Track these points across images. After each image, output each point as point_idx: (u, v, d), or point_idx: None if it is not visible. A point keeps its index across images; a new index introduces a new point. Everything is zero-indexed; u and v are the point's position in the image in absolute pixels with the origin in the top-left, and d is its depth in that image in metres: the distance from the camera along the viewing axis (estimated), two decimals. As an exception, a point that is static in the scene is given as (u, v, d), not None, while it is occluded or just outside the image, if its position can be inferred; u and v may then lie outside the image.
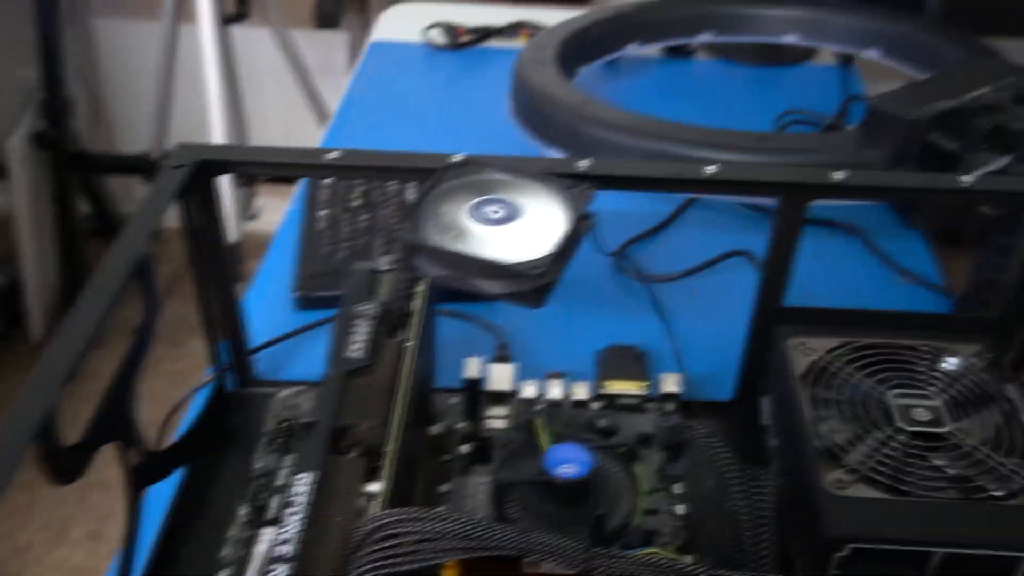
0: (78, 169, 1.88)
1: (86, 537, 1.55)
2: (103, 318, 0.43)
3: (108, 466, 0.49)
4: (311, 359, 0.71)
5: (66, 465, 0.41)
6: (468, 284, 0.47)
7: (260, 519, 0.54)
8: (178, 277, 2.05)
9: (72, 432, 0.42)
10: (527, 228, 0.48)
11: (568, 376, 0.61)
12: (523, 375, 0.61)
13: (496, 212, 0.49)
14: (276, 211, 0.98)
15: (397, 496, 0.45)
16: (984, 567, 0.46)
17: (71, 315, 0.43)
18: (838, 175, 0.53)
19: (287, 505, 0.42)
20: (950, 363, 0.56)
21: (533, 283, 0.45)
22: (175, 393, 0.68)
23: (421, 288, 0.55)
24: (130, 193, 2.15)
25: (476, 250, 0.47)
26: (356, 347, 0.50)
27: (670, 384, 0.60)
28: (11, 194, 1.85)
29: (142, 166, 1.82)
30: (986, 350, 0.57)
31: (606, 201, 0.55)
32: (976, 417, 0.53)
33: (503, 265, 0.45)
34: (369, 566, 0.38)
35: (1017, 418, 0.52)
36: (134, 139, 2.09)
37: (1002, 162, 0.76)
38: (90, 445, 0.43)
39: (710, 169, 0.53)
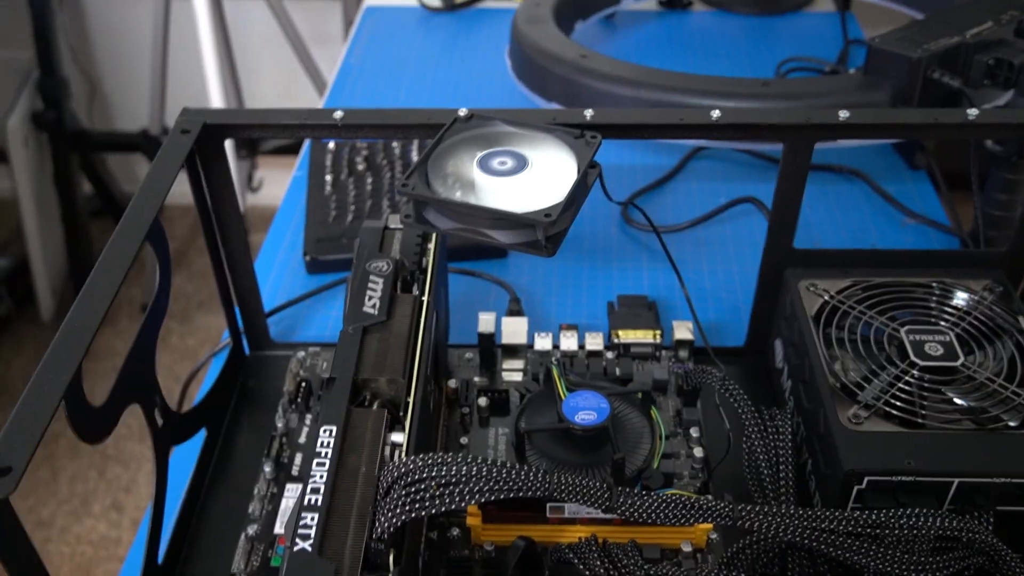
0: (77, 149, 1.87)
1: (107, 509, 1.57)
2: (122, 279, 0.43)
3: (127, 440, 0.49)
4: (324, 321, 0.71)
5: (94, 424, 0.41)
6: (480, 235, 0.47)
7: (284, 475, 0.56)
8: (182, 255, 2.06)
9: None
10: (536, 178, 0.48)
11: (581, 328, 0.61)
12: (536, 328, 0.62)
13: (504, 164, 0.49)
14: (278, 184, 0.98)
15: (419, 446, 0.46)
16: (1000, 494, 0.47)
17: (90, 279, 0.43)
18: (843, 114, 0.52)
19: (314, 456, 0.42)
20: (960, 298, 0.56)
21: (545, 232, 0.45)
22: (187, 367, 0.68)
23: (432, 243, 0.55)
24: (131, 171, 2.14)
25: (487, 201, 0.47)
26: (371, 303, 0.50)
27: (683, 331, 0.61)
28: (13, 176, 1.84)
29: (142, 143, 1.81)
30: (995, 284, 0.57)
31: (610, 155, 0.55)
32: (988, 349, 0.53)
33: (515, 215, 0.45)
34: (396, 510, 0.39)
35: (1029, 349, 0.53)
36: (132, 117, 2.09)
37: (1005, 97, 0.75)
38: (116, 405, 0.44)
39: (716, 114, 0.52)
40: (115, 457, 1.64)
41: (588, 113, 0.53)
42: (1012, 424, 0.49)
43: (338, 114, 0.54)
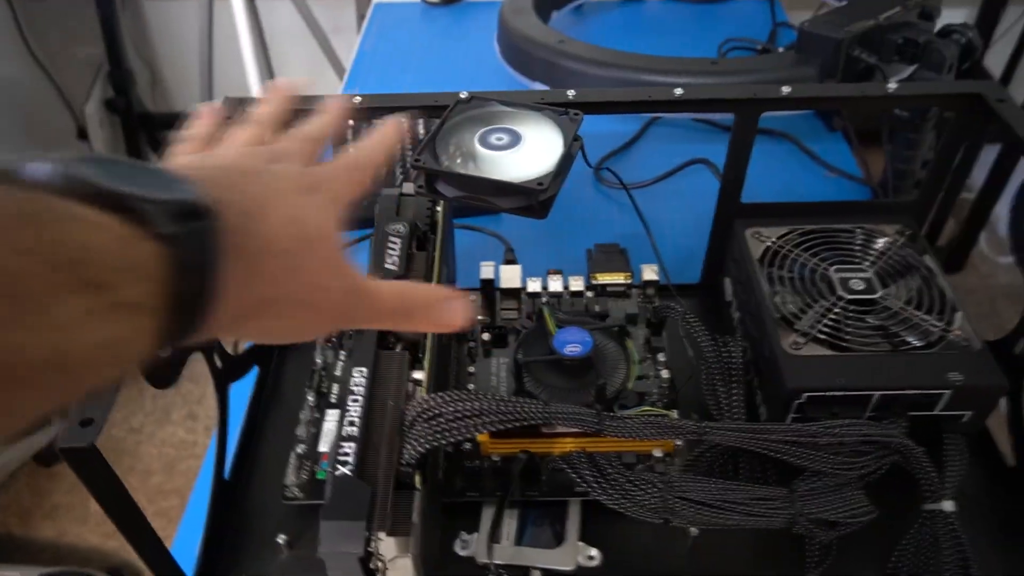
0: (144, 128, 1.81)
1: (184, 418, 1.56)
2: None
3: (197, 362, 0.47)
4: (352, 271, 0.68)
5: (163, 374, 0.39)
6: (483, 202, 0.44)
7: (324, 403, 0.53)
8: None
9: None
10: (528, 151, 0.45)
11: (565, 272, 0.58)
12: (528, 273, 0.58)
13: (501, 139, 0.45)
14: None
15: (437, 380, 0.43)
16: (911, 403, 0.46)
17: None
18: (785, 89, 0.49)
19: (348, 394, 0.39)
20: (877, 241, 0.54)
21: (538, 197, 0.42)
22: None
23: (440, 207, 0.52)
24: (189, 144, 2.08)
25: (487, 172, 0.44)
26: (392, 260, 0.47)
27: (649, 273, 0.57)
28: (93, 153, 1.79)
29: (196, 121, 1.75)
30: (905, 228, 0.55)
31: (583, 124, 0.51)
32: (901, 283, 0.51)
33: (512, 184, 0.42)
34: (420, 441, 0.37)
35: (935, 282, 0.51)
36: (186, 100, 2.02)
37: (911, 70, 0.72)
38: (180, 355, 0.41)
39: (678, 91, 0.49)
40: (186, 375, 1.62)
41: (571, 93, 0.49)
42: (918, 344, 0.47)
43: (357, 99, 0.50)
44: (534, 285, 0.58)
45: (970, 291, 1.83)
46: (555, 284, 0.58)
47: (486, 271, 0.57)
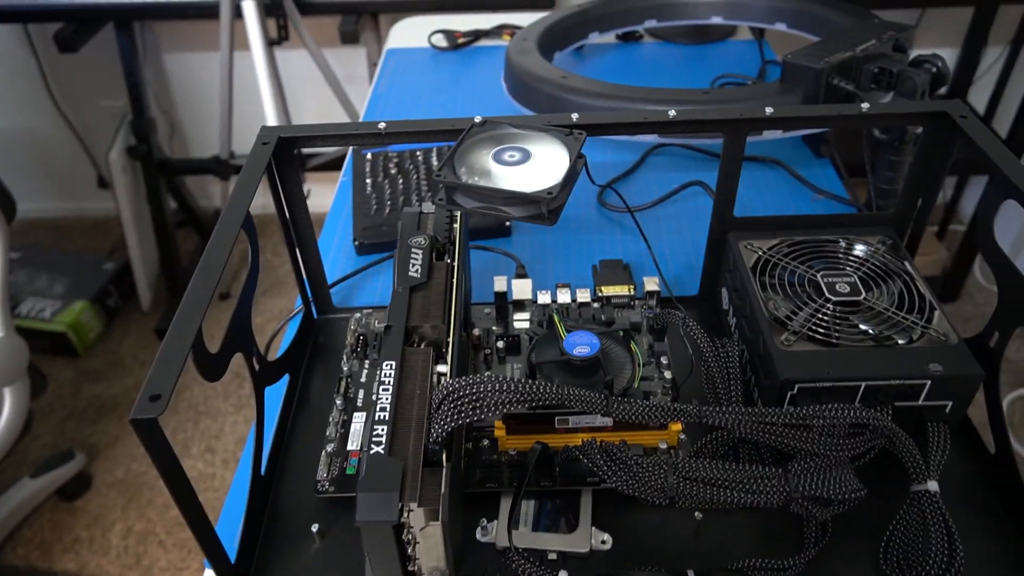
0: (163, 173, 1.87)
1: (203, 452, 1.58)
2: (227, 257, 0.44)
3: (214, 399, 0.49)
4: (372, 290, 0.72)
5: (212, 366, 0.42)
6: (497, 211, 0.47)
7: (351, 407, 0.56)
8: (246, 258, 2.06)
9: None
10: (538, 167, 0.49)
11: (573, 285, 0.62)
12: (538, 287, 0.62)
13: (513, 156, 0.49)
14: (322, 195, 0.97)
15: (459, 375, 0.46)
16: (895, 393, 0.49)
17: (204, 257, 0.44)
18: (769, 110, 0.54)
19: (379, 385, 0.42)
20: (860, 249, 0.58)
21: (547, 206, 0.46)
22: (263, 341, 0.68)
23: (458, 223, 0.55)
24: (205, 190, 2.14)
25: (501, 185, 0.48)
26: (415, 269, 0.50)
27: (651, 285, 0.61)
28: (116, 198, 1.84)
29: (213, 167, 1.81)
30: (886, 238, 0.59)
31: (588, 154, 0.55)
32: (883, 287, 0.55)
33: (524, 194, 0.46)
34: (446, 420, 0.40)
35: (915, 286, 0.54)
36: (204, 147, 2.08)
37: (887, 97, 0.76)
38: (226, 353, 0.44)
39: (672, 113, 0.53)
40: (206, 412, 1.64)
41: (574, 116, 0.53)
42: (901, 341, 0.50)
43: (381, 125, 0.54)
44: (544, 297, 0.61)
45: (966, 319, 1.85)
46: (564, 296, 0.61)
47: (499, 284, 0.61)
